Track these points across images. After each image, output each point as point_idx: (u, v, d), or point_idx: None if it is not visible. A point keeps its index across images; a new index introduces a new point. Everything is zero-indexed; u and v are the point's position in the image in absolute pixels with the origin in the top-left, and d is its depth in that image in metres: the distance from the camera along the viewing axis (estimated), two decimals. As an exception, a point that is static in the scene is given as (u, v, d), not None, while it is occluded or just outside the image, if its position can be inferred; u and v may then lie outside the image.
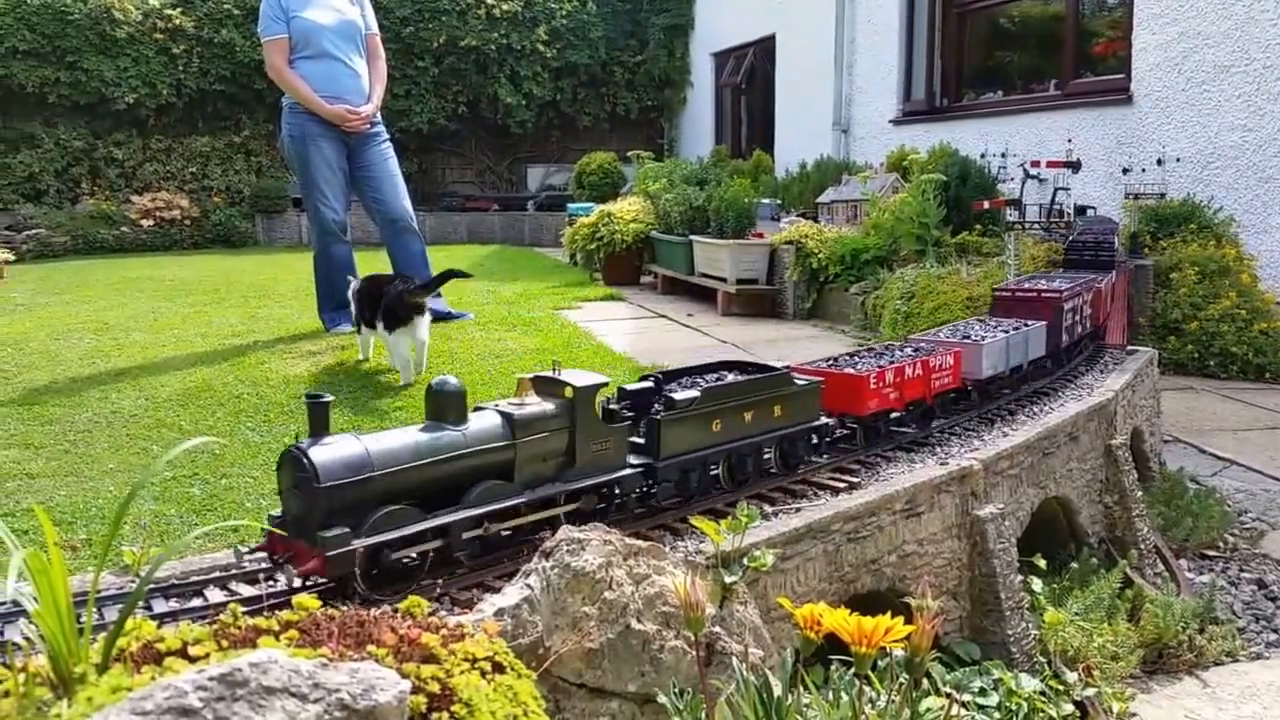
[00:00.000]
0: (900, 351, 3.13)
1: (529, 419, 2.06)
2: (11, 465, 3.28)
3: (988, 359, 3.24)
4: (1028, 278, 4.55)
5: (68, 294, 7.78)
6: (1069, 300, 3.77)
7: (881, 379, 2.81)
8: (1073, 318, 3.85)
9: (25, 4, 12.41)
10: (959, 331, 3.50)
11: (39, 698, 1.14)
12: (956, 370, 3.13)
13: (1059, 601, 2.88)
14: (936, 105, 9.69)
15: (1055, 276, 4.56)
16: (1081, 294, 4.00)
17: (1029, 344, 3.51)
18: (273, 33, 5.44)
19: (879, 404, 2.82)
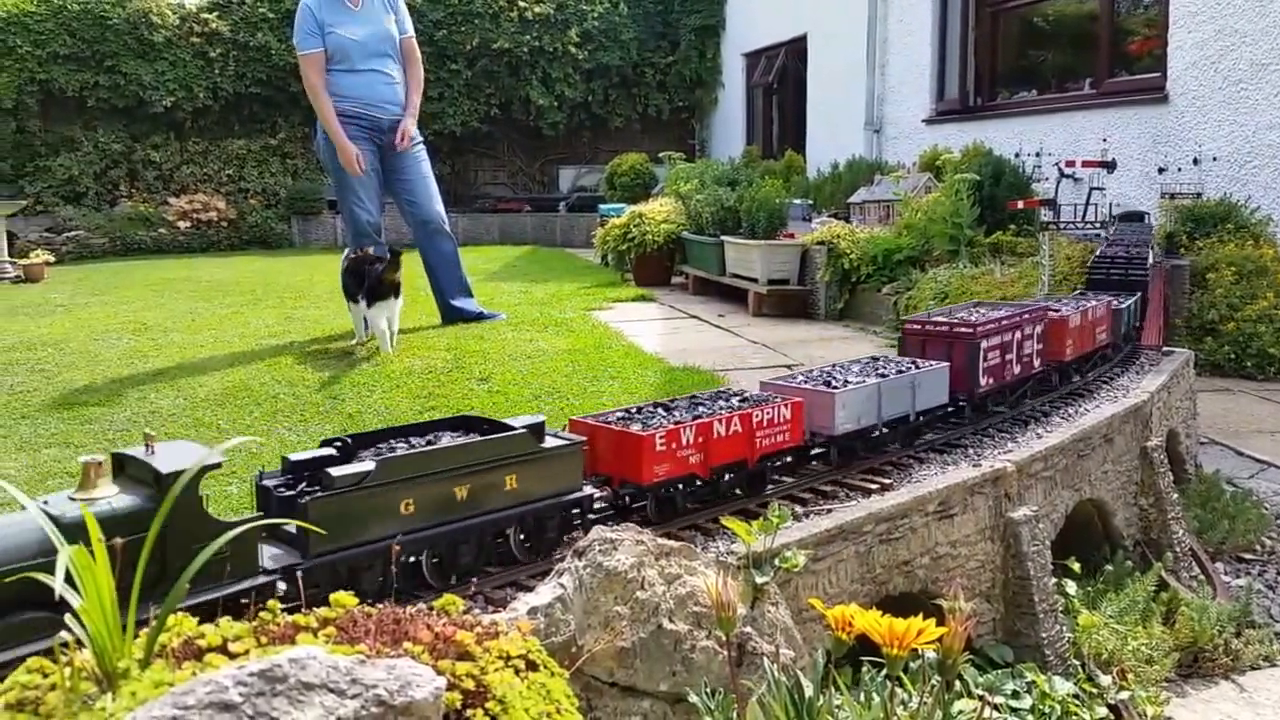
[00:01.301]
0: (725, 401, 2.56)
1: (77, 523, 1.44)
2: (52, 464, 3.34)
3: (846, 409, 2.64)
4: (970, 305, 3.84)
5: (106, 295, 7.91)
6: (992, 336, 3.16)
7: (674, 439, 2.25)
8: (1001, 356, 3.20)
9: (66, 10, 12.63)
10: (845, 371, 2.94)
11: (84, 692, 1.17)
12: (797, 424, 2.52)
13: (1093, 604, 2.86)
14: (970, 104, 9.62)
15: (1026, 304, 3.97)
16: (1020, 327, 3.33)
17: (918, 389, 2.86)
18: (308, 47, 5.45)
19: (671, 470, 2.25)
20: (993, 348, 3.16)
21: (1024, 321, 3.36)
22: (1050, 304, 3.92)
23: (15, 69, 12.34)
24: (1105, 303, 4.01)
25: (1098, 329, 3.93)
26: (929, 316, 3.43)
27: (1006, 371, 3.25)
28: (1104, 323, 3.98)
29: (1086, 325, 3.80)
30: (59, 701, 1.15)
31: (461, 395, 4.11)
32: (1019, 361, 3.32)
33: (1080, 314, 3.72)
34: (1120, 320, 4.20)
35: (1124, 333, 4.29)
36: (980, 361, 3.10)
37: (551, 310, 6.64)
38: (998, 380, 3.21)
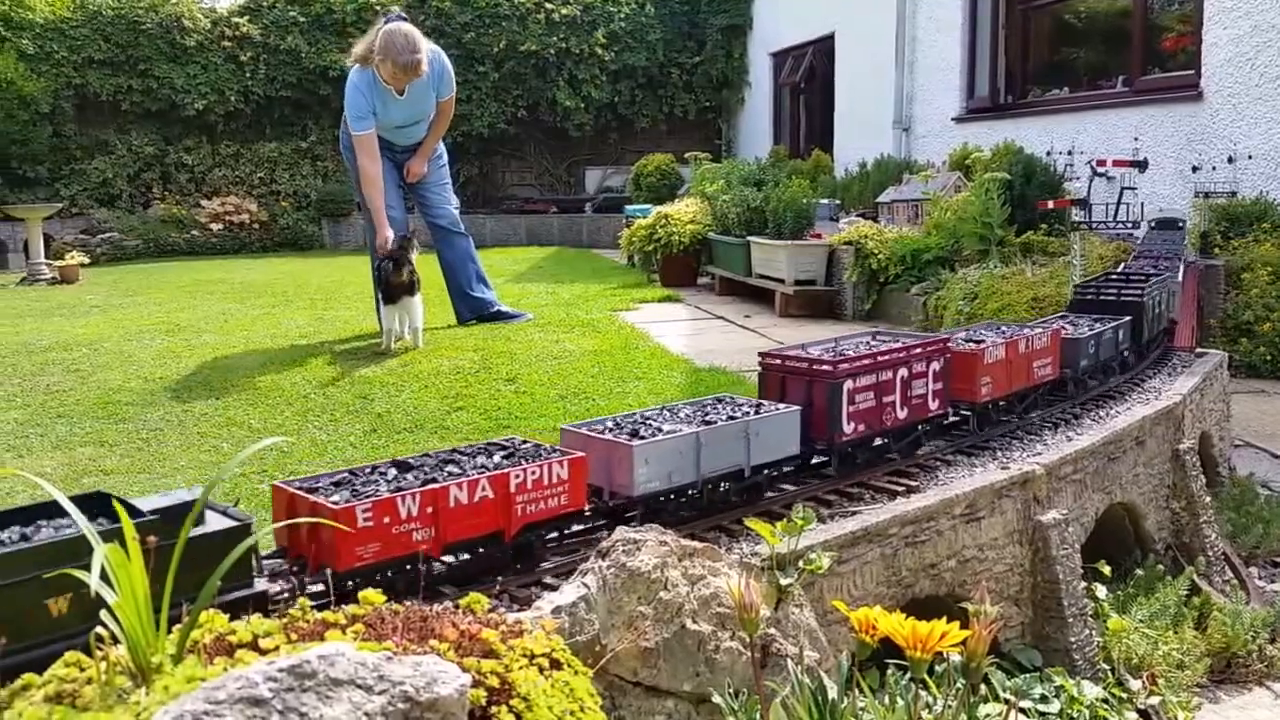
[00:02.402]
0: (488, 458, 2.12)
1: None
2: (87, 462, 3.40)
3: (650, 465, 2.18)
4: (866, 336, 3.23)
5: (140, 296, 8.02)
6: (861, 375, 2.66)
7: (387, 511, 1.80)
8: (877, 398, 2.70)
9: (100, 15, 12.82)
10: (670, 416, 2.48)
11: (119, 686, 1.19)
12: (578, 485, 2.07)
13: (1123, 608, 2.84)
14: (1001, 102, 9.55)
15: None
16: (907, 363, 2.80)
17: (755, 438, 2.40)
18: (361, 129, 5.39)
19: (383, 551, 1.81)
20: (863, 388, 2.65)
21: (912, 357, 2.81)
22: (980, 330, 3.42)
23: (52, 74, 12.53)
24: (1050, 330, 3.35)
25: (1036, 362, 3.25)
26: (802, 349, 2.90)
27: (886, 416, 2.72)
28: (1046, 355, 3.30)
29: (1016, 359, 3.15)
30: (95, 695, 1.17)
31: (488, 396, 4.14)
32: (906, 403, 2.78)
33: (1006, 345, 3.11)
34: (1080, 350, 3.47)
35: (1091, 364, 3.56)
36: (843, 404, 2.59)
37: (578, 311, 6.66)
38: (872, 426, 2.68)
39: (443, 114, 5.75)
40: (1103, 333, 3.65)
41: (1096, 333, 3.60)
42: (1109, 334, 3.70)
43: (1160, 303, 4.24)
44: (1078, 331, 3.56)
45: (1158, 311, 4.19)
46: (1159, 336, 4.32)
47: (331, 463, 3.29)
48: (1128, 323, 3.86)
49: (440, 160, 5.98)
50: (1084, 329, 3.61)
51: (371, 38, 5.31)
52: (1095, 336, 3.58)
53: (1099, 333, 3.62)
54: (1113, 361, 3.77)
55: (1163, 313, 4.31)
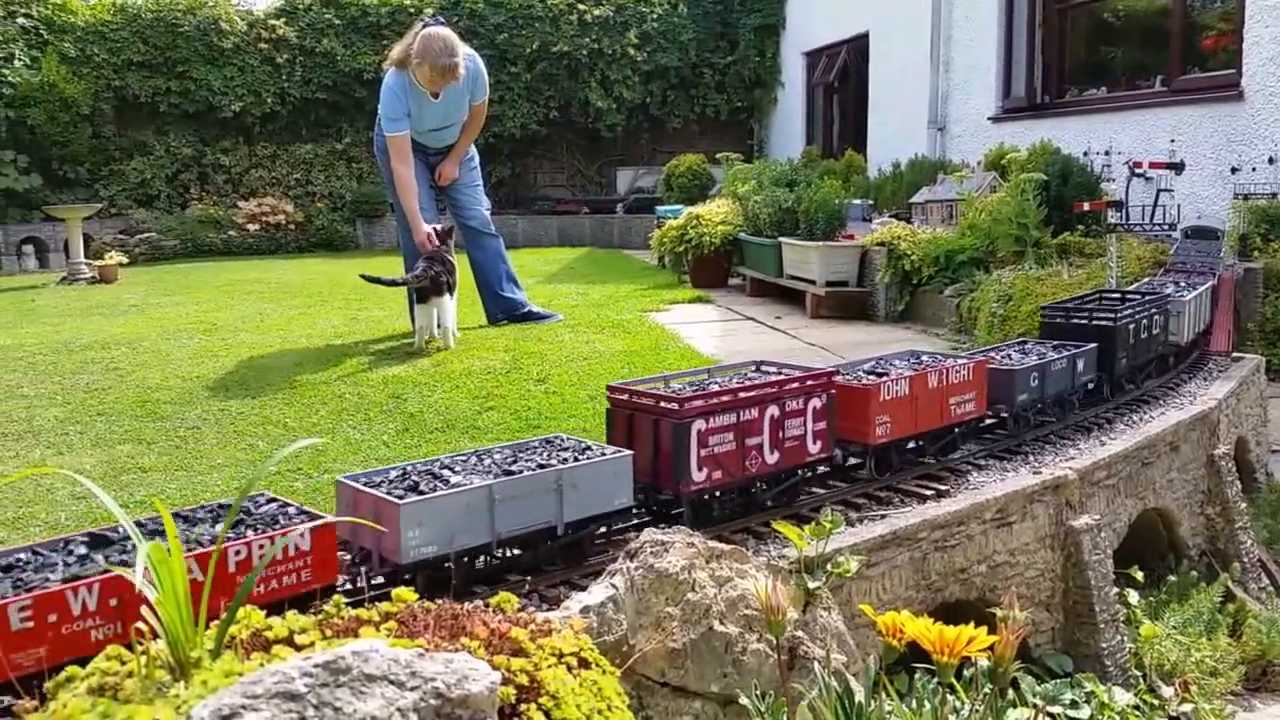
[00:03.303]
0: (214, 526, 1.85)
1: None
2: (126, 459, 3.46)
3: (425, 527, 1.90)
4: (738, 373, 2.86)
5: (178, 295, 8.14)
6: (717, 413, 2.36)
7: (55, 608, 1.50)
8: (738, 440, 2.40)
9: (140, 18, 13.01)
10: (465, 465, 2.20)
11: (159, 679, 1.22)
12: (327, 560, 1.78)
13: (1156, 615, 2.81)
14: (1037, 102, 9.45)
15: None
16: (779, 399, 2.48)
17: (570, 489, 2.11)
18: (394, 131, 5.44)
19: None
20: (720, 429, 2.34)
21: (786, 393, 2.48)
22: (892, 361, 3.08)
23: (92, 76, 12.73)
24: (973, 362, 2.96)
25: (954, 398, 2.87)
26: (664, 383, 2.61)
27: (751, 461, 2.41)
28: (968, 389, 2.92)
29: (925, 394, 2.78)
30: (136, 688, 1.20)
31: (519, 396, 4.17)
32: (778, 446, 2.47)
33: (911, 379, 2.76)
34: (1015, 384, 3.06)
35: (1032, 399, 3.15)
36: (692, 447, 2.27)
37: (608, 312, 6.68)
38: (731, 473, 2.37)
39: (475, 117, 5.79)
40: (1050, 363, 3.23)
41: (1042, 363, 3.19)
42: (1060, 364, 3.27)
43: (1150, 327, 3.78)
44: (1016, 361, 3.21)
45: (1144, 337, 3.74)
46: (1148, 365, 3.85)
47: (365, 462, 3.33)
48: (1091, 351, 3.42)
49: (471, 162, 6.03)
50: (1029, 358, 3.25)
51: (409, 41, 5.36)
52: (1039, 367, 3.17)
53: (1045, 363, 3.21)
54: (1069, 395, 3.33)
55: (1155, 337, 3.85)
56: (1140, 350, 3.71)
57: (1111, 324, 3.54)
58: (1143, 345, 3.73)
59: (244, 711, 1.02)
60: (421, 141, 5.67)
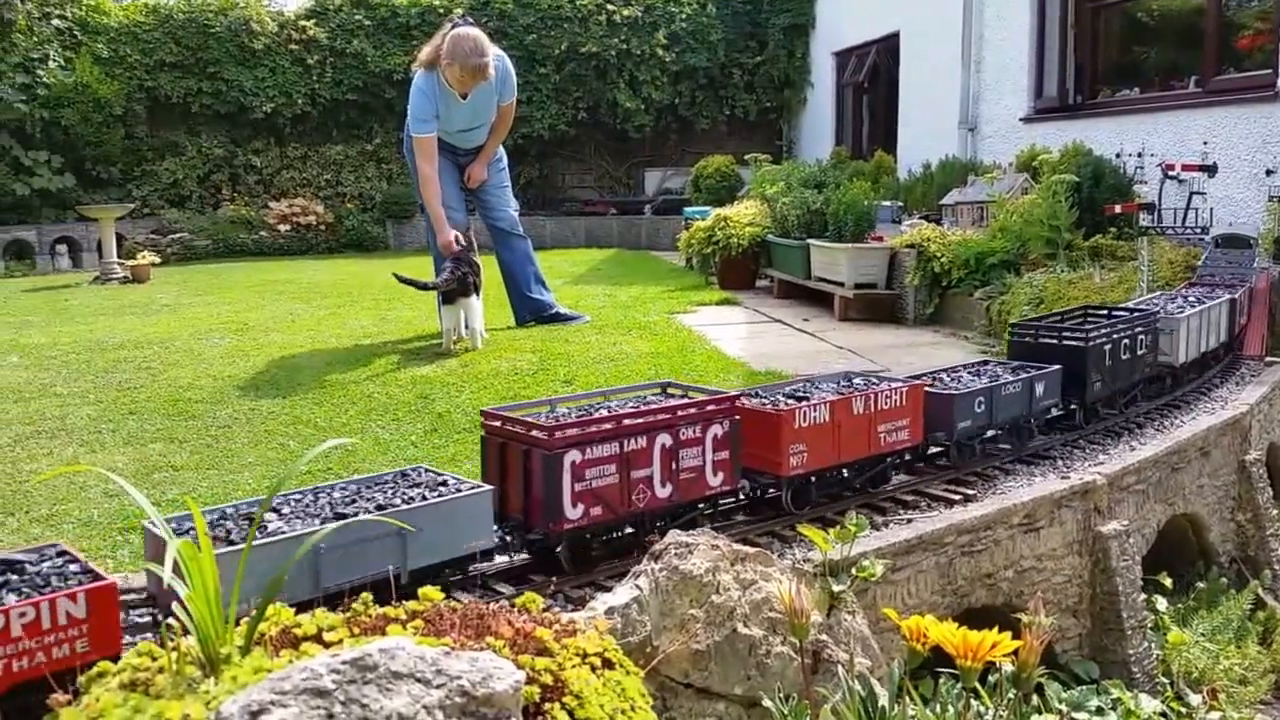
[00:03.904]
0: None
1: None
2: (158, 458, 3.51)
3: (226, 585, 1.47)
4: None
5: (209, 295, 8.23)
6: (596, 443, 2.16)
7: None
8: (622, 473, 2.20)
9: (172, 19, 13.17)
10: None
11: (189, 675, 1.24)
12: (108, 627, 1.60)
13: (1184, 621, 2.79)
14: (1069, 103, 9.37)
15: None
16: (672, 427, 2.28)
17: (411, 537, 1.90)
18: (421, 132, 5.49)
19: None
20: (599, 460, 2.13)
21: (680, 419, 2.27)
22: (819, 384, 2.85)
23: (125, 77, 12.89)
24: (907, 386, 2.74)
25: (884, 425, 2.64)
26: (549, 410, 2.42)
27: (638, 495, 2.20)
28: (900, 415, 2.68)
29: (848, 421, 2.55)
30: (166, 683, 1.22)
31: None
32: (671, 479, 2.26)
33: (832, 404, 2.51)
34: (956, 410, 2.79)
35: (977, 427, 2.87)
36: (564, 481, 2.07)
37: (635, 313, 6.69)
38: (614, 509, 2.16)
39: (503, 118, 5.82)
40: (999, 386, 2.93)
41: (989, 386, 2.90)
42: (1013, 388, 2.98)
43: (1133, 347, 3.46)
44: (958, 385, 2.95)
45: (1126, 358, 3.43)
46: (1132, 388, 3.53)
47: (394, 461, 3.36)
48: (1053, 374, 3.13)
49: (500, 163, 6.07)
50: (978, 380, 3.00)
51: (438, 41, 5.40)
52: (986, 392, 2.88)
53: (994, 386, 2.91)
54: (1025, 421, 3.05)
55: (1140, 359, 3.53)
56: (1120, 373, 3.39)
57: (1082, 344, 3.23)
58: (1123, 367, 3.40)
59: (273, 707, 1.04)
60: (451, 143, 5.72)
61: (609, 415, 2.24)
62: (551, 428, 2.10)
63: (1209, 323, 3.98)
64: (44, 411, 4.19)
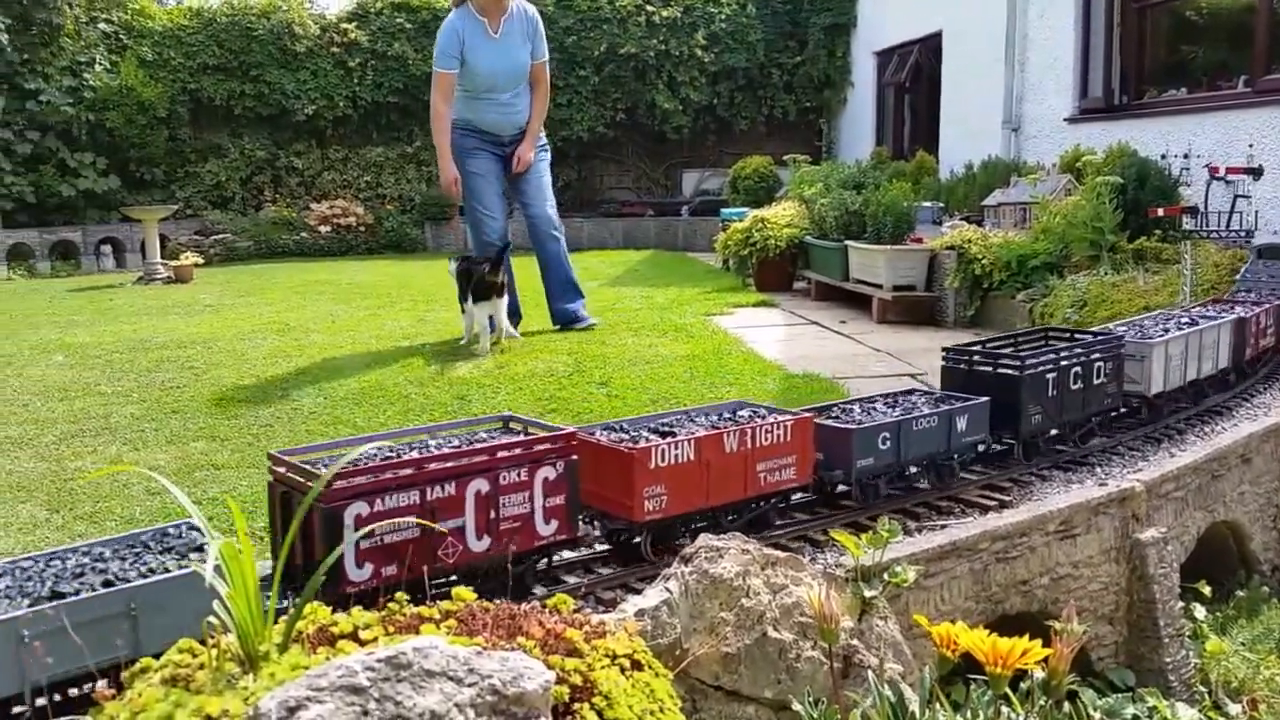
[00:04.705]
0: None
1: None
2: (200, 456, 3.57)
3: None
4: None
5: (251, 296, 8.35)
6: (379, 496, 1.93)
7: None
8: (418, 528, 1.95)
9: (215, 22, 13.38)
10: None
11: (229, 672, 1.28)
12: None
13: (1223, 630, 2.75)
14: (1115, 103, 9.24)
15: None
16: (475, 474, 2.03)
17: (146, 614, 1.63)
18: (443, 67, 5.63)
19: None
20: (392, 512, 1.90)
21: (499, 462, 2.03)
22: (694, 415, 2.58)
23: (169, 80, 13.11)
24: (793, 419, 2.44)
25: (763, 462, 2.36)
26: (344, 450, 2.10)
27: (447, 550, 1.96)
28: (785, 451, 2.40)
29: (718, 460, 2.28)
30: (206, 679, 1.26)
31: (581, 399, 4.21)
32: (489, 530, 2.01)
33: (701, 442, 2.25)
34: (855, 445, 2.52)
35: (882, 465, 2.60)
36: (349, 538, 1.86)
37: (671, 315, 6.70)
38: (413, 568, 1.90)
39: (539, 81, 5.86)
40: (910, 420, 2.65)
41: (897, 421, 2.62)
42: (928, 422, 2.68)
43: (1087, 376, 3.11)
44: (864, 418, 2.69)
45: (1077, 388, 3.07)
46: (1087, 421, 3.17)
47: (429, 461, 3.39)
48: (978, 406, 2.81)
49: (543, 152, 6.03)
50: (890, 412, 2.75)
51: None
52: (893, 426, 2.59)
53: (903, 420, 2.63)
54: (945, 459, 2.74)
55: (1099, 388, 3.14)
56: (1070, 404, 3.05)
57: (1017, 373, 2.92)
58: (1073, 398, 3.06)
59: (309, 704, 1.07)
60: (488, 120, 5.70)
61: (408, 460, 1.99)
62: (332, 476, 1.80)
63: (1198, 347, 3.56)
64: (88, 410, 4.28)
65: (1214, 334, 3.67)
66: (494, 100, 5.75)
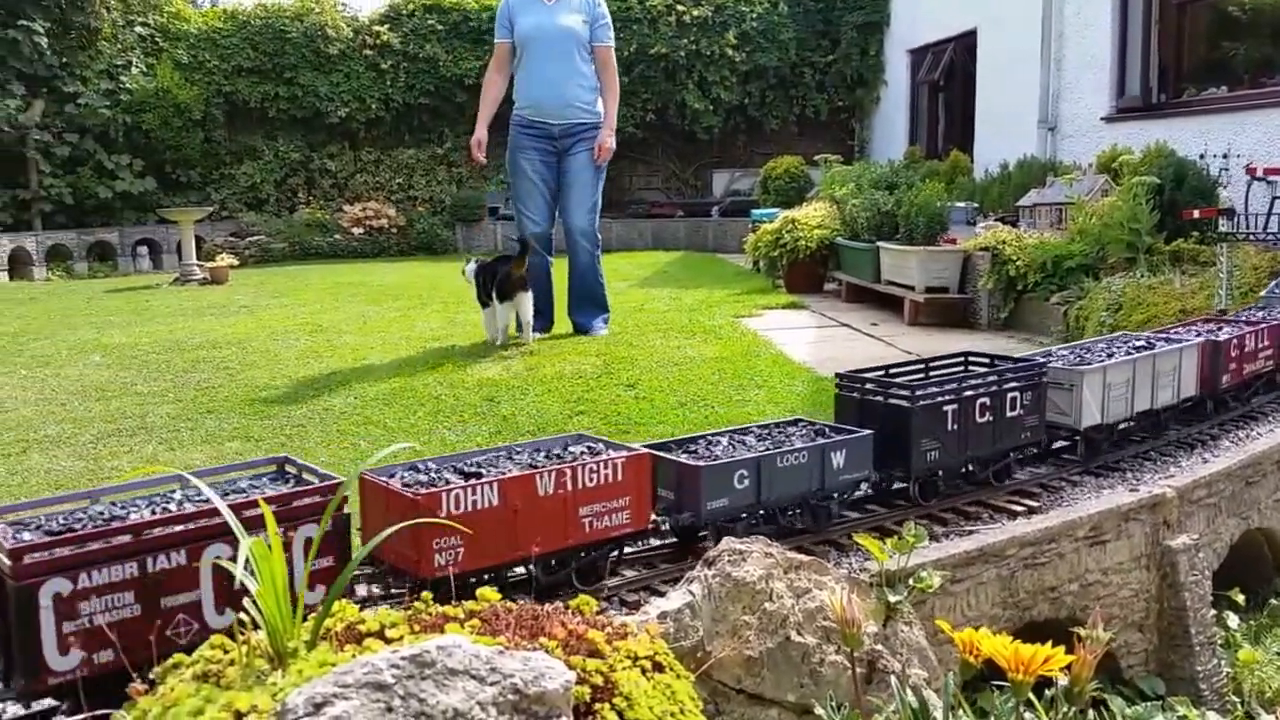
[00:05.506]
0: None
1: None
2: (233, 456, 3.62)
3: None
4: None
5: (285, 297, 8.45)
6: (85, 570, 1.61)
7: None
8: (137, 605, 1.65)
9: (249, 25, 13.54)
10: None
11: (258, 668, 1.30)
12: None
13: (1257, 639, 2.71)
14: (1153, 101, 9.12)
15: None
16: (218, 538, 1.71)
17: None
18: (497, 38, 5.78)
19: None
20: (104, 588, 1.62)
21: (243, 523, 1.49)
22: (511, 452, 2.31)
23: (204, 82, 13.28)
24: (625, 457, 2.19)
25: (587, 506, 2.12)
26: (87, 500, 1.84)
27: (177, 629, 1.68)
28: (616, 494, 2.16)
29: (531, 504, 2.04)
30: (236, 675, 1.28)
31: (609, 401, 4.23)
32: (234, 601, 1.68)
33: (506, 484, 2.01)
34: (704, 485, 2.26)
35: (738, 506, 2.31)
36: (44, 621, 1.57)
37: (700, 317, 6.70)
38: (132, 650, 1.60)
39: (605, 64, 5.89)
40: (774, 456, 2.36)
41: (758, 457, 2.35)
42: (796, 459, 2.39)
43: (999, 408, 2.77)
44: (723, 453, 2.41)
45: (986, 421, 2.74)
46: (1004, 456, 2.83)
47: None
48: (859, 441, 2.50)
49: (585, 158, 5.90)
50: (741, 450, 2.44)
51: None
52: (752, 463, 2.32)
53: (765, 457, 2.35)
54: (820, 499, 2.46)
55: (1015, 421, 2.80)
56: (977, 439, 2.72)
57: (908, 403, 2.61)
58: (981, 432, 2.73)
59: (335, 700, 1.08)
60: (532, 64, 5.69)
61: (123, 525, 1.67)
62: (21, 549, 1.54)
63: (1150, 375, 3.15)
64: (125, 410, 4.35)
65: (1173, 359, 3.23)
66: (541, 75, 5.68)
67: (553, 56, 5.68)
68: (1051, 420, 2.92)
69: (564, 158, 5.82)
